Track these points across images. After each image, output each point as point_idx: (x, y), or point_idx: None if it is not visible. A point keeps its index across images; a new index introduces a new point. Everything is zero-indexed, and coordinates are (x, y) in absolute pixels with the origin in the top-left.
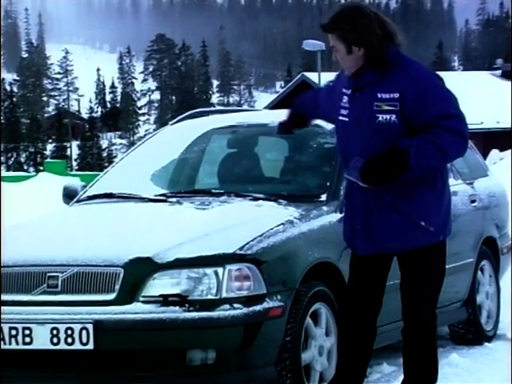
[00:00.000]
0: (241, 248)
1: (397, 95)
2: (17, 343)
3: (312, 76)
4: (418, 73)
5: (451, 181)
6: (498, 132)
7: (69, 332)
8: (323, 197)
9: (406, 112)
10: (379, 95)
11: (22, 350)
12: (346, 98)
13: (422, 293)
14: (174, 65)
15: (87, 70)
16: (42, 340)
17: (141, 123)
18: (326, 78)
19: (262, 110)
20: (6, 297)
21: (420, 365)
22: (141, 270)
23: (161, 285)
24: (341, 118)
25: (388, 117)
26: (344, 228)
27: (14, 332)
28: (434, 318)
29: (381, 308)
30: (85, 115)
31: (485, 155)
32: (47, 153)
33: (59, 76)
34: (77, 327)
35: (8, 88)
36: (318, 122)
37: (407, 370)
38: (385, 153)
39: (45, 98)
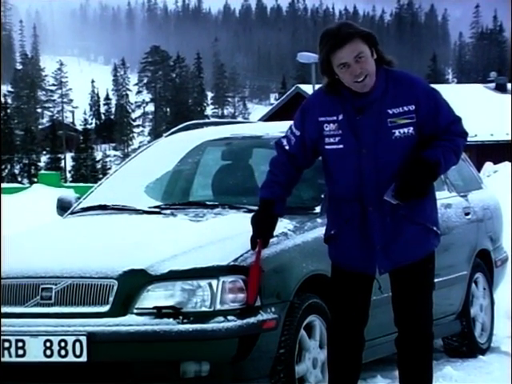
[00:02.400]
0: (235, 260)
1: (413, 107)
2: (10, 355)
3: (306, 88)
4: (425, 84)
5: (445, 193)
6: (491, 145)
7: (62, 344)
8: (317, 209)
9: (420, 122)
10: (390, 111)
11: (15, 363)
12: (331, 126)
13: (423, 300)
14: (168, 77)
15: (82, 81)
16: (35, 352)
17: (135, 135)
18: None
19: (257, 122)
20: None
21: (416, 374)
22: (135, 281)
23: (155, 297)
24: (329, 147)
25: (406, 130)
26: (344, 251)
27: (7, 344)
28: (431, 327)
29: (368, 319)
30: (79, 127)
31: (479, 168)
32: (41, 164)
33: (53, 88)
34: (70, 339)
35: (2, 100)
36: None
37: (403, 380)
38: (415, 168)
39: (39, 110)
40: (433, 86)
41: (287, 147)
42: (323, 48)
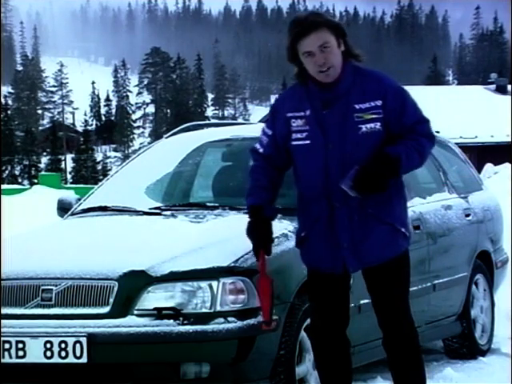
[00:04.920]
0: (235, 261)
1: (379, 102)
2: (10, 357)
3: None
4: (391, 80)
5: (446, 195)
6: (492, 146)
7: (62, 345)
8: None
9: (387, 118)
10: (357, 106)
11: (15, 364)
12: (299, 121)
13: (401, 301)
14: (168, 78)
15: (82, 83)
16: (35, 353)
17: (135, 136)
18: None
19: (257, 124)
20: None
21: (407, 374)
22: (135, 283)
23: (155, 298)
24: (296, 142)
25: (373, 125)
26: (314, 252)
27: (7, 345)
28: (414, 325)
29: (349, 319)
30: (79, 128)
31: (479, 169)
32: (42, 166)
33: (54, 89)
34: (70, 340)
35: (3, 101)
36: None
37: (396, 381)
38: (375, 161)
39: (39, 111)
40: (433, 87)
41: (261, 150)
42: (290, 35)
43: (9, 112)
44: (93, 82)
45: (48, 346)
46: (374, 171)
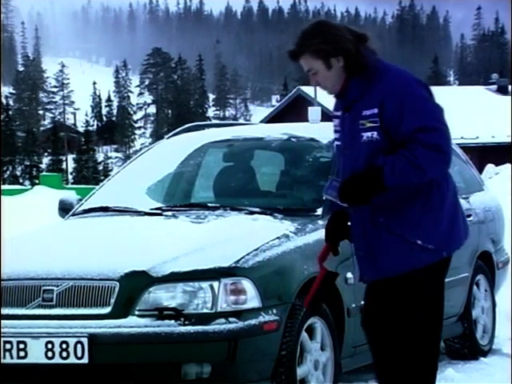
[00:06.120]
0: (236, 262)
1: (376, 110)
2: (11, 357)
3: (308, 90)
4: (394, 82)
5: None
6: (493, 146)
7: (64, 346)
8: (319, 211)
9: (386, 127)
10: (363, 112)
11: (16, 364)
12: (336, 121)
13: (417, 329)
14: (170, 78)
15: (83, 83)
16: (36, 354)
17: (137, 137)
18: (323, 92)
19: (258, 124)
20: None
21: None
22: (136, 283)
23: (156, 298)
24: (335, 142)
25: (370, 134)
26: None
27: (8, 346)
28: (430, 375)
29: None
30: (81, 129)
31: (480, 170)
32: (43, 166)
33: (55, 89)
34: (72, 341)
35: (4, 101)
36: (313, 135)
37: None
38: (361, 171)
39: (41, 112)
40: (434, 88)
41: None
42: None
43: (10, 112)
44: (94, 83)
45: (49, 346)
46: (356, 182)
